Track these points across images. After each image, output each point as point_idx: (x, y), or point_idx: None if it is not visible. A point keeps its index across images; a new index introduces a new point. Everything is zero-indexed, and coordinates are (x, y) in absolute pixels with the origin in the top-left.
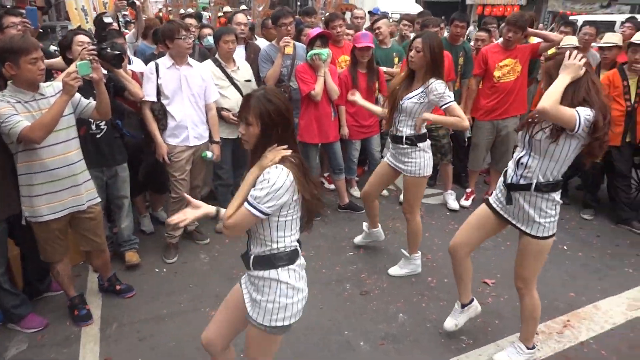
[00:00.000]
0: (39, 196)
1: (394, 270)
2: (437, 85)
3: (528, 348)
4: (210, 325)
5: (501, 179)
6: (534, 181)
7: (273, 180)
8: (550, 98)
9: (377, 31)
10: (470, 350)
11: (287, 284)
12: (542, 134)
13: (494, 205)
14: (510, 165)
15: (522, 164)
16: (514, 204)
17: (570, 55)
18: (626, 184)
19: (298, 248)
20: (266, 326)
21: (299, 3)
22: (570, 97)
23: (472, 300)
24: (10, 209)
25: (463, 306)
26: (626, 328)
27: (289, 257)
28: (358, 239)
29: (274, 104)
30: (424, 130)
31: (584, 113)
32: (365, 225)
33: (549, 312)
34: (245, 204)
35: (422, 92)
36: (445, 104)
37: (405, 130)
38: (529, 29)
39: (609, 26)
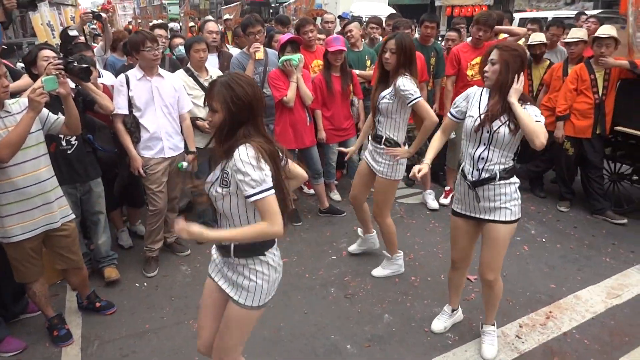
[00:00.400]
0: (10, 216)
1: (377, 272)
2: (401, 82)
3: (494, 326)
4: (202, 334)
5: (459, 180)
6: (497, 172)
7: (247, 156)
8: (539, 130)
9: (348, 34)
10: (456, 347)
11: (272, 264)
12: (505, 129)
13: (460, 212)
14: (466, 165)
15: (482, 158)
16: (481, 199)
17: (517, 80)
18: (599, 175)
19: None
20: (254, 306)
21: (271, 11)
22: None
23: (458, 307)
24: None
25: (453, 310)
26: (606, 316)
27: (272, 240)
28: (353, 247)
29: (235, 89)
30: (403, 137)
31: (539, 114)
32: (360, 230)
33: (532, 305)
34: (257, 196)
35: (391, 90)
36: (410, 102)
37: (385, 132)
38: (496, 26)
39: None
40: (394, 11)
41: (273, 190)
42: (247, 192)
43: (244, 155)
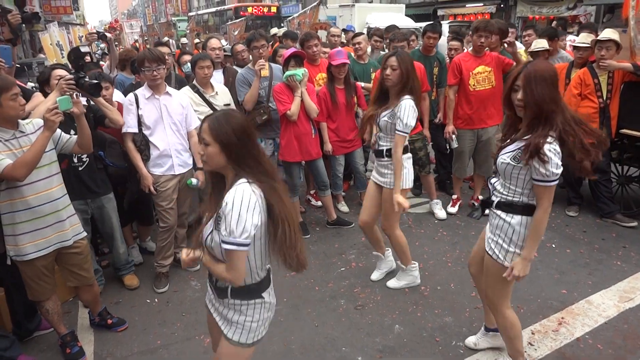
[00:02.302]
0: (24, 234)
1: (392, 283)
2: (404, 105)
3: None
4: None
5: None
6: (497, 199)
7: (238, 203)
8: None
9: (357, 46)
10: (467, 357)
11: (269, 302)
12: (504, 158)
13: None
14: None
15: (494, 186)
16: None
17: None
18: (606, 179)
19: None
20: (249, 344)
21: (282, 25)
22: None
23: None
24: None
25: (487, 330)
26: (619, 320)
27: (268, 281)
28: (376, 275)
29: (228, 123)
30: (405, 144)
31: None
32: (375, 254)
33: (543, 311)
34: (226, 246)
35: (392, 110)
36: (397, 130)
37: (386, 144)
38: (508, 47)
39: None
40: (412, 21)
41: (247, 248)
42: (222, 237)
43: (238, 200)
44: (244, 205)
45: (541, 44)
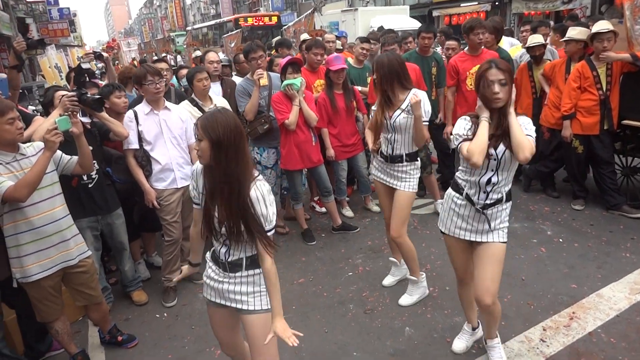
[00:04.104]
0: (28, 255)
1: (405, 300)
2: (423, 97)
3: (497, 337)
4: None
5: (460, 204)
6: (504, 193)
7: (266, 194)
8: (526, 144)
9: (365, 52)
10: (480, 356)
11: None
12: (509, 152)
13: (458, 236)
14: (471, 191)
15: (491, 182)
16: (488, 219)
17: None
18: (611, 171)
19: None
20: (268, 308)
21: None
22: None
23: (479, 324)
24: (0, 273)
25: (474, 329)
26: (631, 313)
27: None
28: (388, 281)
29: (219, 121)
30: (416, 148)
31: (530, 127)
32: (392, 259)
33: (554, 307)
34: (268, 235)
35: (406, 106)
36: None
37: (403, 150)
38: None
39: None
40: (417, 22)
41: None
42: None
43: (260, 192)
44: (266, 194)
45: (537, 39)
